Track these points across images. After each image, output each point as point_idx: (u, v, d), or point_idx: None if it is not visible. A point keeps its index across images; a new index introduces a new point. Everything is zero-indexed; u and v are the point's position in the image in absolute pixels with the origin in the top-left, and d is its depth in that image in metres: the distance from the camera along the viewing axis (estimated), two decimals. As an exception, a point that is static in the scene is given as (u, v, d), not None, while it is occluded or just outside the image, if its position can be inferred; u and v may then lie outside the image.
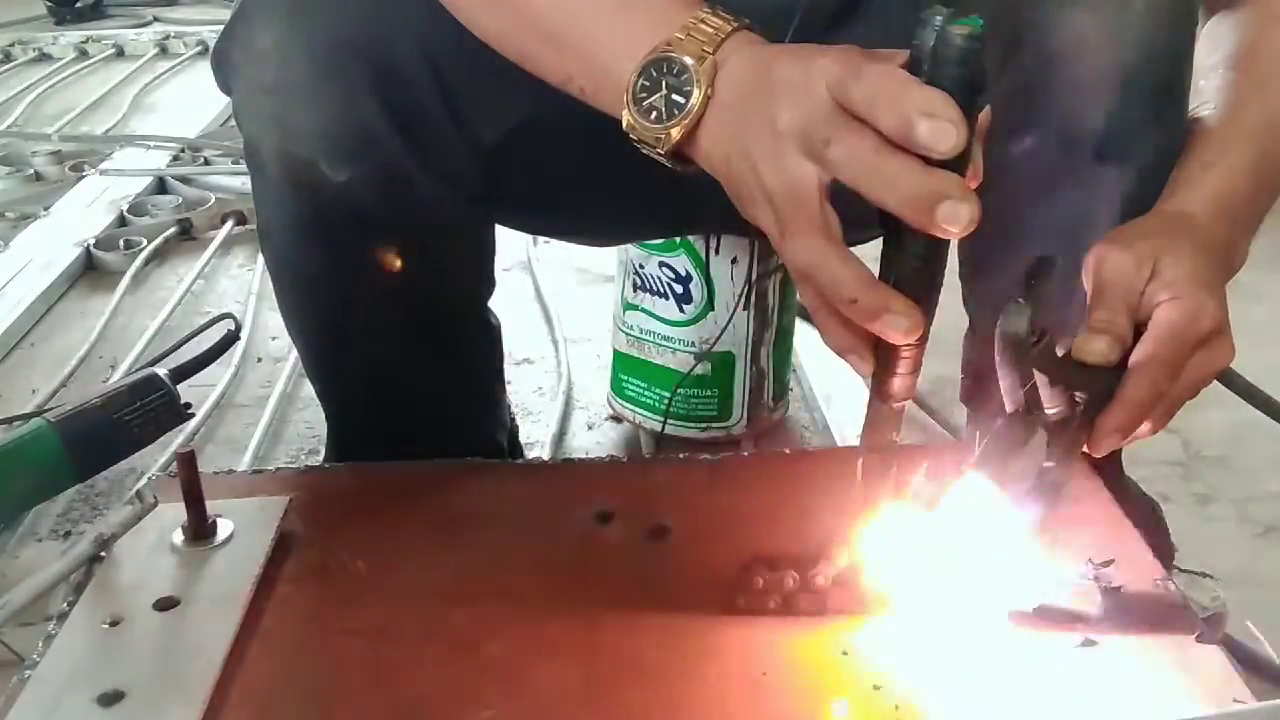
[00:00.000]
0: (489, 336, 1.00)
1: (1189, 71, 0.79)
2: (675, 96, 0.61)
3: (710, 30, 0.62)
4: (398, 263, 0.85)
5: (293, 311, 0.90)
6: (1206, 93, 0.79)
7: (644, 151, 0.63)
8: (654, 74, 0.62)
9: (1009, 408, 0.64)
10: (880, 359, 0.58)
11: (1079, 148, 0.79)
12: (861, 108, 0.54)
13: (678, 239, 1.21)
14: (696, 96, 0.61)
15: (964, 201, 0.52)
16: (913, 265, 0.56)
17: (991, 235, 0.84)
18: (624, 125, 0.63)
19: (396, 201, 0.81)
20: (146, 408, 1.19)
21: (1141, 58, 0.76)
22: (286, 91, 0.77)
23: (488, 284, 0.97)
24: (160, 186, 2.21)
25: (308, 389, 1.46)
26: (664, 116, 0.62)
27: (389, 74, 0.76)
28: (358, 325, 0.88)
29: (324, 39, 0.76)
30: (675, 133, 0.62)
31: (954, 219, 0.53)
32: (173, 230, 1.98)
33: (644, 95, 0.62)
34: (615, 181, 0.80)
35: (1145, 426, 0.65)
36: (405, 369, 0.91)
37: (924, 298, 0.56)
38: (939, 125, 0.52)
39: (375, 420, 0.94)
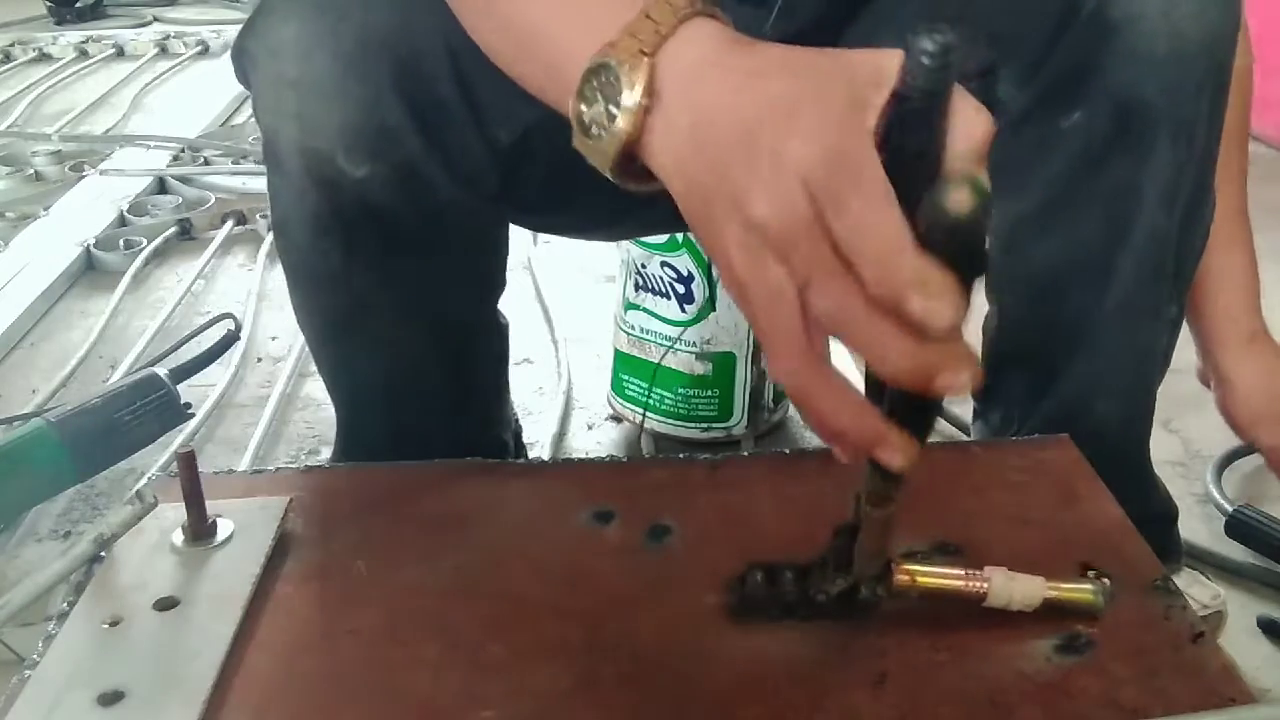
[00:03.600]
0: (499, 335, 1.00)
1: (1237, 41, 0.80)
2: (611, 108, 0.53)
3: (652, 24, 0.52)
4: (414, 260, 0.85)
5: (306, 306, 0.90)
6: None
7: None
8: (594, 83, 0.54)
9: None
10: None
11: (1132, 120, 0.79)
12: (844, 249, 0.47)
13: (680, 238, 1.22)
14: (630, 100, 0.52)
15: (962, 371, 0.47)
16: (908, 397, 0.50)
17: (1032, 211, 0.85)
18: (573, 143, 0.56)
19: (414, 199, 0.81)
20: (146, 408, 1.20)
21: (1196, 29, 0.77)
22: (308, 85, 0.77)
23: (500, 284, 0.97)
24: (160, 186, 2.21)
25: (308, 389, 1.47)
26: (602, 134, 0.53)
27: (412, 71, 0.76)
28: (372, 322, 0.88)
29: (348, 34, 0.76)
30: (611, 150, 0.53)
31: (950, 388, 0.48)
32: (173, 230, 1.99)
33: (583, 108, 0.54)
34: (602, 181, 0.80)
35: None
36: (417, 366, 0.91)
37: (921, 427, 0.51)
38: (933, 307, 0.45)
39: (385, 416, 0.94)
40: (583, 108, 0.54)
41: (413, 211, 0.82)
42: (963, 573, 0.63)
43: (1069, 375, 0.89)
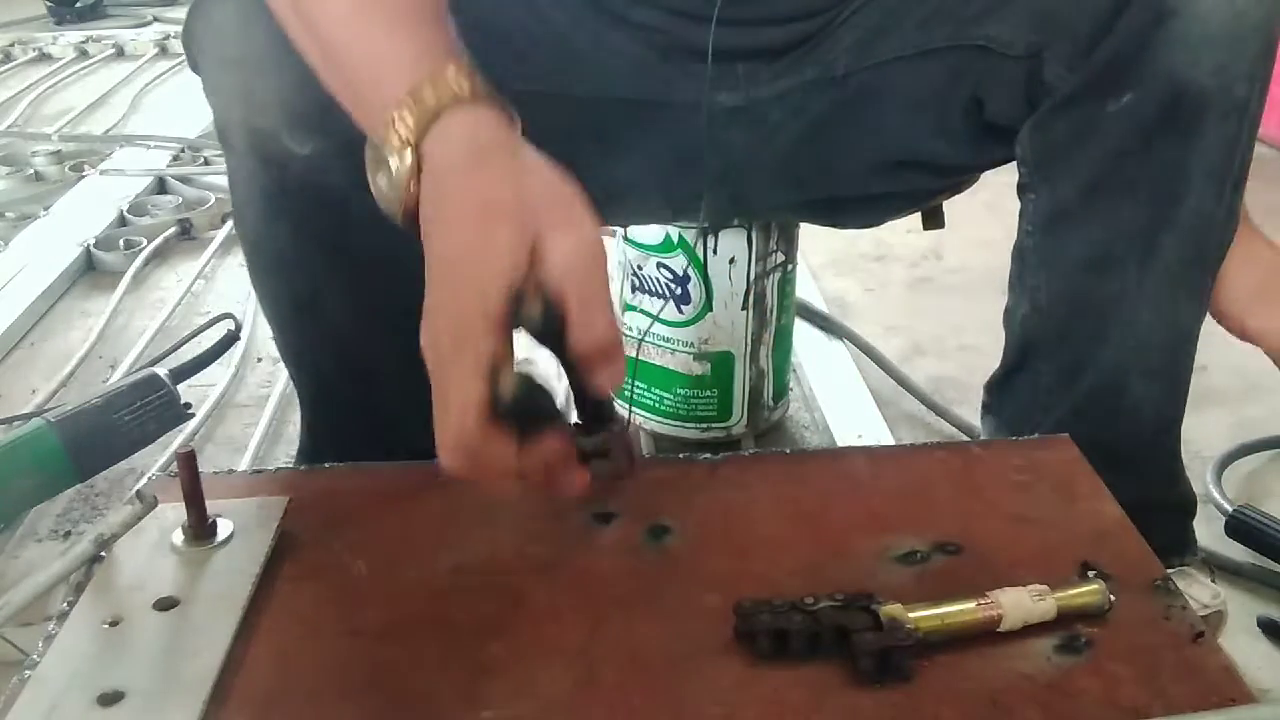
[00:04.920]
0: None
1: None
2: (388, 182, 0.65)
3: (422, 107, 0.63)
4: (366, 245, 0.84)
5: (266, 293, 0.89)
6: None
7: None
8: (376, 156, 0.66)
9: None
10: None
11: (1183, 102, 0.79)
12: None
13: (675, 239, 1.22)
14: (398, 182, 0.65)
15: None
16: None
17: (1075, 194, 0.84)
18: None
19: (362, 178, 0.80)
20: (146, 408, 1.19)
21: (1255, 9, 0.77)
22: (249, 62, 0.77)
23: None
24: (160, 186, 2.21)
25: (308, 389, 1.47)
26: (386, 199, 0.66)
27: None
28: (328, 306, 0.87)
29: None
30: (397, 212, 0.66)
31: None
32: (173, 230, 1.99)
33: (377, 177, 0.66)
34: (591, 163, 0.79)
35: None
36: (376, 357, 0.89)
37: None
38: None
39: (346, 410, 0.92)
40: (377, 177, 0.66)
41: (362, 192, 0.81)
42: (974, 605, 0.63)
43: (1105, 355, 0.88)
